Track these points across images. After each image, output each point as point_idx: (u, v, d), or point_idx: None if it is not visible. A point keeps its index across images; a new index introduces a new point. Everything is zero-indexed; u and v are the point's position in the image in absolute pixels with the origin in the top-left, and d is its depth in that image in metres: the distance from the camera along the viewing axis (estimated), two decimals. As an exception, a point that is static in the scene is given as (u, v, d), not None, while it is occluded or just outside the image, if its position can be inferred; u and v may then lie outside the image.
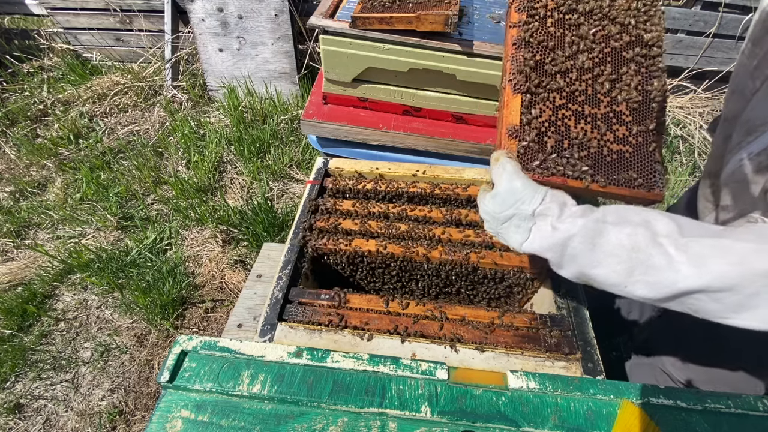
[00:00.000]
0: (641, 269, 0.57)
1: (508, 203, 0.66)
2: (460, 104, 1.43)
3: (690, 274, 0.54)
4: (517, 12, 0.78)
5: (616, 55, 0.75)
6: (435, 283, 1.01)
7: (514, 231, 0.67)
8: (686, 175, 2.56)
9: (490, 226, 0.71)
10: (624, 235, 0.59)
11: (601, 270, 0.61)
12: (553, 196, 0.65)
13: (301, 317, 0.84)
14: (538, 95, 0.73)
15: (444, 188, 1.09)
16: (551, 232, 0.63)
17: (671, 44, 2.80)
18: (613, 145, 0.72)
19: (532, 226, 0.65)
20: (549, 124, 0.72)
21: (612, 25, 0.76)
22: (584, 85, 0.74)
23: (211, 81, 2.93)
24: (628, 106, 0.73)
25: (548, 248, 0.64)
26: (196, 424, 0.62)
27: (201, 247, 2.19)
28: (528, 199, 0.65)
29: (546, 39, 0.76)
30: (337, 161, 1.19)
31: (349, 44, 1.30)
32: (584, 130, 0.72)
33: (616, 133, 0.72)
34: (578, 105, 0.73)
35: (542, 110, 0.73)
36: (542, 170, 0.70)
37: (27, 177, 2.51)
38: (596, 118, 0.73)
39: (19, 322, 1.88)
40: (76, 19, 3.02)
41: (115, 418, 1.63)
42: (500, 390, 0.67)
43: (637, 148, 0.72)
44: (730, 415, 0.65)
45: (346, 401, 0.64)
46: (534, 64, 0.74)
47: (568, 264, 0.64)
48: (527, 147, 0.71)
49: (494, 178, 0.69)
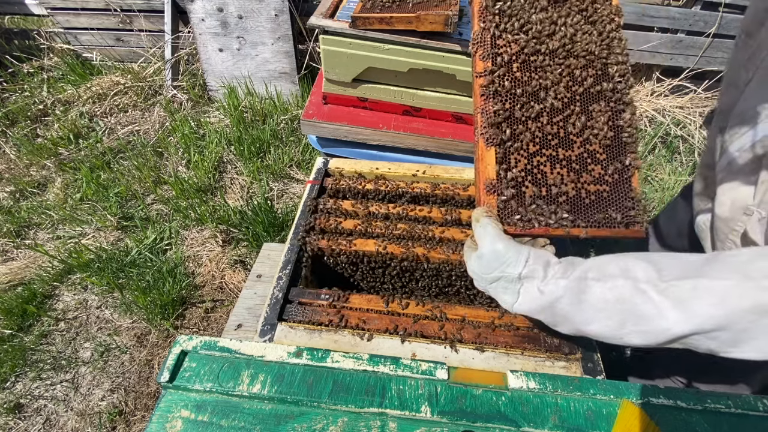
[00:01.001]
0: (632, 320, 0.58)
1: (492, 266, 0.66)
2: (460, 104, 1.43)
3: (679, 319, 0.54)
4: (482, 60, 0.76)
5: (584, 93, 0.75)
6: (435, 283, 1.01)
7: (502, 292, 0.67)
8: (686, 175, 2.56)
9: (479, 284, 0.71)
10: (606, 289, 0.59)
11: (594, 326, 0.61)
12: (537, 257, 0.65)
13: (301, 317, 0.84)
14: (512, 146, 0.73)
15: (444, 188, 1.09)
16: (539, 295, 0.64)
17: (671, 44, 2.80)
18: (591, 186, 0.72)
19: (520, 287, 0.66)
20: (525, 173, 0.72)
21: (577, 61, 0.75)
22: (556, 128, 0.73)
23: (211, 81, 2.93)
24: (600, 144, 0.73)
25: (539, 311, 0.65)
26: (196, 424, 0.62)
27: (201, 247, 2.19)
28: (512, 262, 0.65)
29: (513, 86, 0.74)
30: (337, 161, 1.19)
31: (349, 44, 1.30)
32: (560, 174, 0.72)
33: (592, 173, 0.72)
34: (552, 149, 0.73)
35: (517, 160, 0.72)
36: (524, 223, 0.70)
37: (27, 177, 2.51)
38: (571, 160, 0.73)
39: (19, 322, 1.88)
40: (76, 19, 3.02)
41: (115, 418, 1.63)
42: (500, 390, 0.67)
43: (614, 186, 0.72)
44: (730, 415, 0.64)
45: (346, 401, 0.64)
46: (505, 115, 0.73)
47: (562, 323, 0.65)
48: (506, 202, 0.71)
49: (477, 239, 0.69)
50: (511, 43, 0.76)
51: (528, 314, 0.67)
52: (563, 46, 0.76)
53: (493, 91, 0.74)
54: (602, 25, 0.76)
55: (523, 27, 0.76)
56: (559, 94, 0.74)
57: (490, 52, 0.76)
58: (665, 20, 2.71)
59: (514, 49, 0.76)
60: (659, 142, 2.77)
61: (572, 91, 0.75)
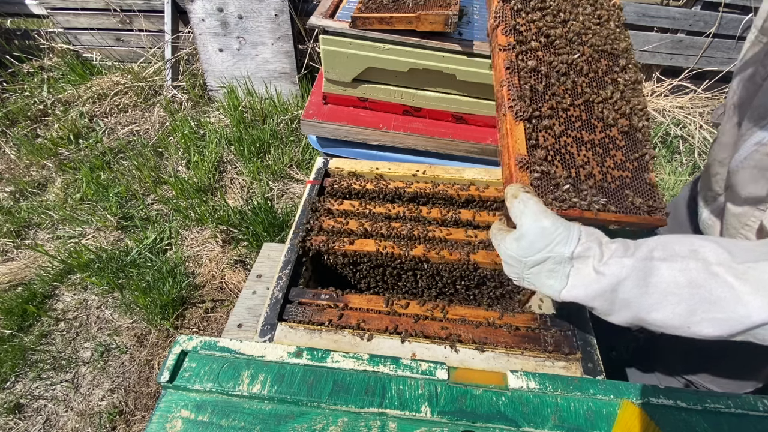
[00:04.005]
0: (704, 307, 0.52)
1: (536, 246, 0.58)
2: (460, 104, 1.43)
3: (761, 305, 0.49)
4: (504, 35, 0.76)
5: (599, 79, 0.75)
6: (435, 283, 1.01)
7: (547, 276, 0.59)
8: (686, 175, 2.56)
9: (515, 271, 0.63)
10: (677, 271, 0.53)
11: (659, 314, 0.55)
12: (589, 235, 0.58)
13: (301, 317, 0.84)
14: (540, 123, 0.70)
15: (444, 188, 1.09)
16: (596, 277, 0.56)
17: (671, 44, 2.80)
18: (614, 171, 0.70)
19: (569, 270, 0.58)
20: (554, 152, 0.69)
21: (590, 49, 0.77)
22: (578, 111, 0.72)
23: (211, 81, 2.93)
24: (619, 129, 0.72)
25: (594, 296, 0.57)
26: (196, 424, 0.62)
27: (201, 247, 2.19)
28: (562, 239, 0.57)
29: (537, 64, 0.75)
30: (337, 161, 1.19)
31: (349, 44, 1.30)
32: (587, 157, 0.70)
33: (614, 158, 0.71)
34: (576, 131, 0.71)
35: (545, 138, 0.70)
36: (560, 203, 0.65)
37: (27, 177, 2.51)
38: (594, 144, 0.71)
39: (19, 322, 1.88)
40: (76, 19, 3.02)
41: (115, 418, 1.63)
42: (500, 390, 0.67)
43: (634, 173, 0.70)
44: (730, 415, 0.64)
45: (346, 401, 0.64)
46: (530, 89, 0.73)
47: (620, 311, 0.57)
48: (540, 179, 0.66)
49: (515, 217, 0.61)
50: (530, 23, 0.78)
51: (579, 300, 0.59)
52: (578, 34, 0.78)
53: (517, 66, 0.74)
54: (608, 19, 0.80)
55: (542, 7, 0.79)
56: (580, 76, 0.74)
57: (512, 28, 0.77)
58: (665, 20, 2.72)
59: (533, 29, 0.77)
60: (659, 142, 2.78)
61: (589, 77, 0.75)
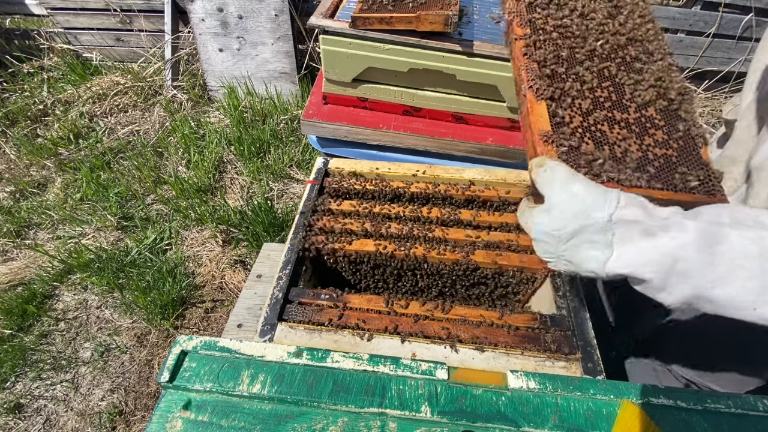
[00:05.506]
0: None
1: (570, 213, 0.52)
2: (460, 104, 1.43)
3: None
4: (520, 27, 0.78)
5: (627, 64, 0.74)
6: (435, 282, 1.01)
7: (587, 248, 0.52)
8: (686, 175, 2.56)
9: (548, 249, 0.56)
10: (748, 240, 0.46)
11: (724, 290, 0.47)
12: (630, 198, 0.51)
13: (301, 317, 0.84)
14: (564, 101, 0.67)
15: (444, 188, 1.09)
16: (649, 241, 0.48)
17: (671, 44, 2.80)
18: (656, 149, 0.64)
19: (612, 237, 0.50)
20: (583, 130, 0.65)
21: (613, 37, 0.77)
22: (606, 92, 0.70)
23: (211, 81, 2.93)
24: (657, 109, 0.68)
25: (647, 263, 0.49)
26: (196, 424, 0.62)
27: (201, 247, 2.19)
28: (599, 203, 0.50)
29: (556, 49, 0.75)
30: (337, 161, 1.19)
31: (349, 44, 1.30)
32: (620, 134, 0.65)
33: (655, 137, 0.65)
34: (606, 110, 0.67)
35: (572, 117, 0.66)
36: (592, 177, 0.57)
37: (27, 177, 2.51)
38: (629, 122, 0.66)
39: (19, 322, 1.88)
40: (76, 19, 3.02)
41: (115, 418, 1.63)
42: (500, 390, 0.67)
43: (680, 151, 0.65)
44: (730, 415, 0.64)
45: (346, 401, 0.64)
46: (550, 72, 0.71)
47: (677, 284, 0.49)
48: (569, 153, 0.60)
49: (543, 187, 0.55)
50: (546, 17, 0.79)
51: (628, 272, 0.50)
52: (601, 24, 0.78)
53: (536, 50, 0.75)
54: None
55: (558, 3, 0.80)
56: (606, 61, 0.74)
57: (528, 20, 0.78)
58: (665, 20, 2.72)
59: (551, 23, 0.78)
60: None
61: (620, 57, 0.74)
